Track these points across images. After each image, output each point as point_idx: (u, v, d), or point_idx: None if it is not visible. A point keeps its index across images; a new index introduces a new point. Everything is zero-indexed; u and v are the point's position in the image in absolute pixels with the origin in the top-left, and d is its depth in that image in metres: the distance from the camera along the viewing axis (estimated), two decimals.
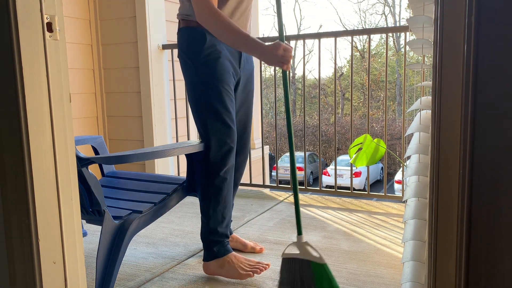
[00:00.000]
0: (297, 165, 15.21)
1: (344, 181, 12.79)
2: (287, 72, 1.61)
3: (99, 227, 1.52)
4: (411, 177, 1.19)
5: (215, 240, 1.73)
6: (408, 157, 1.25)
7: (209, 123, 1.70)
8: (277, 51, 1.57)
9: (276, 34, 2.34)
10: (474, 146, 0.72)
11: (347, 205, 2.70)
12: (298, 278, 1.48)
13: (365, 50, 23.12)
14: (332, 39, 2.82)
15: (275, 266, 1.81)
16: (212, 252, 1.72)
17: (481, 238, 0.73)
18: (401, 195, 2.71)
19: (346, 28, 24.30)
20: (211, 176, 1.72)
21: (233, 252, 1.76)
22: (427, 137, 1.16)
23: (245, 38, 1.61)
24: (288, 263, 1.53)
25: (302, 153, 16.06)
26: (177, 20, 1.79)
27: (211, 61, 1.69)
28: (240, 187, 3.15)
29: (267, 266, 1.76)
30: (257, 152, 4.40)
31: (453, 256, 0.77)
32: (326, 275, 1.45)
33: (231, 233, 1.96)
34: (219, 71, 1.70)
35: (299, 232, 1.57)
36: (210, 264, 1.73)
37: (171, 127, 3.38)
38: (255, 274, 1.72)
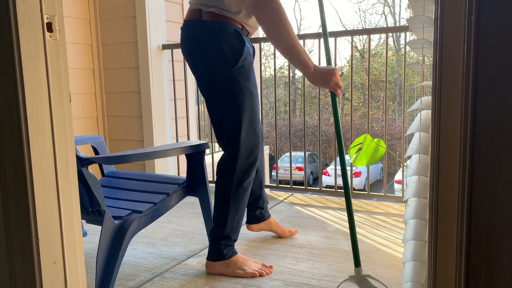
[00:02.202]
0: (297, 165, 15.23)
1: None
2: (336, 97, 1.61)
3: (99, 227, 1.52)
4: (411, 177, 1.19)
5: (226, 244, 1.74)
6: (409, 157, 1.25)
7: (243, 131, 1.65)
8: (333, 77, 1.59)
9: None
10: (474, 146, 0.72)
11: None
12: None
13: (365, 50, 23.12)
14: (332, 39, 2.81)
15: (276, 266, 1.81)
16: (221, 254, 1.73)
17: (481, 238, 0.73)
18: (401, 195, 2.71)
19: (346, 28, 24.30)
20: (234, 185, 1.69)
21: (239, 254, 1.78)
22: (428, 137, 1.16)
23: (302, 50, 1.56)
24: None
25: (302, 153, 16.05)
26: (195, 10, 1.63)
27: (247, 65, 1.64)
28: None
29: (271, 270, 1.77)
30: None
31: (453, 256, 0.77)
32: None
33: (269, 216, 2.08)
34: (253, 77, 1.67)
35: (357, 264, 1.45)
36: (216, 264, 1.74)
37: (171, 127, 3.38)
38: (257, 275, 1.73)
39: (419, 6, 1.09)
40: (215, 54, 1.60)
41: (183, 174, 2.52)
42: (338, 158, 2.04)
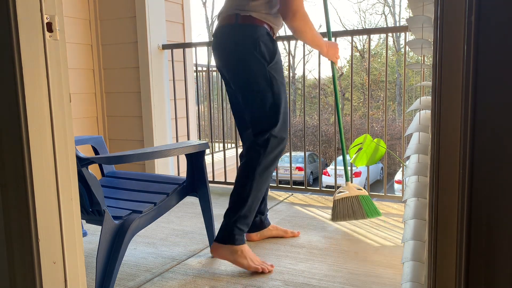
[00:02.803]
0: (297, 165, 15.23)
1: (344, 181, 12.73)
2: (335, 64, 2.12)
3: (99, 227, 1.52)
4: (410, 177, 1.19)
5: (239, 228, 1.78)
6: (408, 157, 1.25)
7: (279, 123, 1.79)
8: (337, 50, 2.04)
9: None
10: (474, 146, 0.72)
11: None
12: (351, 210, 2.16)
13: (365, 50, 23.11)
14: (332, 39, 2.81)
15: (276, 266, 1.81)
16: (232, 237, 1.76)
17: (481, 238, 0.73)
18: (401, 195, 2.71)
19: (346, 28, 24.28)
20: (261, 168, 1.79)
21: (246, 245, 1.81)
22: (427, 137, 1.16)
23: (319, 37, 1.91)
24: (341, 201, 2.17)
25: (302, 153, 16.04)
26: (232, 15, 1.77)
27: (279, 63, 1.81)
28: None
29: (272, 268, 1.77)
30: None
31: (453, 256, 0.77)
32: (370, 202, 2.20)
33: (268, 223, 2.14)
34: (283, 74, 1.84)
35: (347, 179, 2.23)
36: (223, 247, 1.77)
37: (171, 127, 3.38)
38: (259, 273, 1.74)
39: (419, 6, 1.09)
40: (254, 53, 1.74)
41: (183, 174, 2.52)
42: (338, 158, 2.05)
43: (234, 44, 1.78)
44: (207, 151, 2.35)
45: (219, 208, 2.68)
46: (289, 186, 3.10)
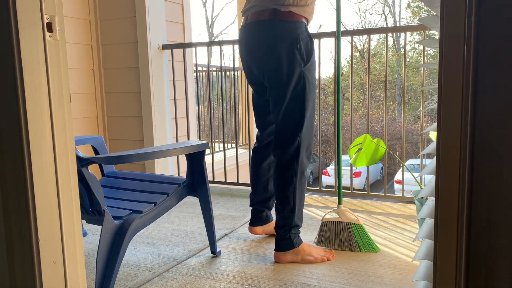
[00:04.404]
0: None
1: (344, 181, 12.73)
2: None
3: (99, 227, 1.52)
4: (431, 176, 1.20)
5: (295, 233, 1.83)
6: (418, 156, 1.25)
7: (305, 125, 1.77)
8: None
9: None
10: (474, 146, 0.72)
11: (347, 205, 2.70)
12: (338, 237, 1.94)
13: (365, 50, 23.10)
14: (332, 39, 2.81)
15: (276, 266, 1.81)
16: (291, 243, 1.81)
17: (481, 238, 0.73)
18: (401, 195, 2.71)
19: (346, 28, 24.26)
20: (299, 176, 1.80)
21: (304, 241, 1.86)
22: None
23: None
24: (328, 225, 1.97)
25: None
26: (269, 10, 1.69)
27: (313, 64, 1.77)
28: (240, 187, 3.15)
29: (333, 254, 1.87)
30: None
31: (453, 256, 0.77)
32: (364, 234, 1.94)
33: (272, 219, 2.15)
34: (315, 75, 1.80)
35: (340, 202, 2.01)
36: (285, 253, 1.82)
37: (171, 127, 3.38)
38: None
39: (436, 6, 1.09)
40: (294, 52, 1.69)
41: (183, 174, 2.52)
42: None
43: (273, 41, 1.69)
44: (207, 151, 2.35)
45: (219, 208, 2.68)
46: None
